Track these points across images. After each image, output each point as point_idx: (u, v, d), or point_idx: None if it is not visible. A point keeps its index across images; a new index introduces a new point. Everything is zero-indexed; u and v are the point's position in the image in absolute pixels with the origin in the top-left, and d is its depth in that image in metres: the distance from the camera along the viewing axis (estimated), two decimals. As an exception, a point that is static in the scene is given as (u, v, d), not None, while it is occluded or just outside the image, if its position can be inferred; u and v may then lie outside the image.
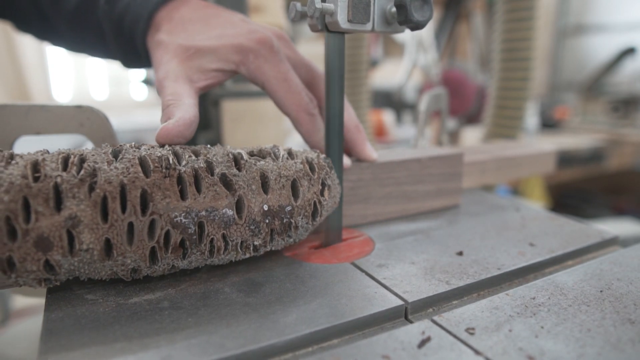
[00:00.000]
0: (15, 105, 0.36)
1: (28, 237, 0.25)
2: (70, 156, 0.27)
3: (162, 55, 0.38)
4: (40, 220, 0.25)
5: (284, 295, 0.28)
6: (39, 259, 0.25)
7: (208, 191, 0.28)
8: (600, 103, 1.89)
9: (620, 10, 2.32)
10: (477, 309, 0.27)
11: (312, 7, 0.32)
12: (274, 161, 0.32)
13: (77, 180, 0.25)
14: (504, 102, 0.89)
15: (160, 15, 0.40)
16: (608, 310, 0.26)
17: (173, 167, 0.28)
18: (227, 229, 0.29)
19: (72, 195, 0.25)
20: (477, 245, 0.37)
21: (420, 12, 0.32)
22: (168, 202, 0.27)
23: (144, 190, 0.27)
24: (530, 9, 0.84)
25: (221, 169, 0.29)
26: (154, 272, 0.29)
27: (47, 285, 0.27)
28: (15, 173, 0.25)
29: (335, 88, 0.35)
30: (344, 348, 0.23)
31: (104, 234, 0.26)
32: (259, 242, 0.31)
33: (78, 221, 0.25)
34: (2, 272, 0.25)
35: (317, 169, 0.33)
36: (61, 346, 0.23)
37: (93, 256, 0.26)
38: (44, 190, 0.25)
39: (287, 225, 0.32)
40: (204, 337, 0.24)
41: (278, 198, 0.31)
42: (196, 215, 0.28)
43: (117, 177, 0.26)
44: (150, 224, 0.27)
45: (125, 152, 0.28)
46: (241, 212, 0.30)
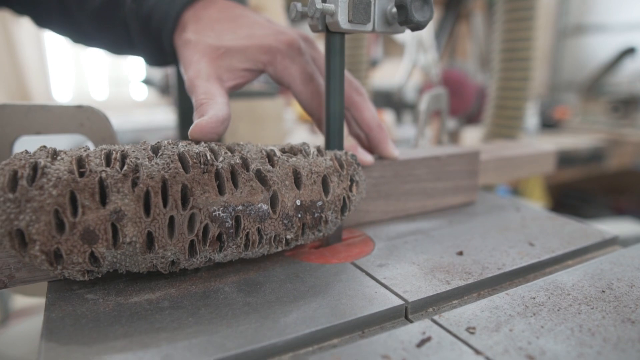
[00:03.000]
0: (15, 105, 0.36)
1: (75, 230, 0.25)
2: (112, 152, 0.28)
3: (191, 54, 0.39)
4: (86, 213, 0.25)
5: (284, 295, 0.28)
6: (85, 251, 0.26)
7: (244, 186, 0.29)
8: (600, 103, 1.89)
9: (620, 10, 2.32)
10: (477, 308, 0.27)
11: (312, 8, 0.32)
12: (305, 158, 0.33)
13: (121, 175, 0.26)
14: (504, 102, 0.89)
15: (187, 15, 0.41)
16: (608, 310, 0.26)
17: (211, 163, 0.29)
18: (262, 223, 0.30)
19: (116, 190, 0.26)
20: (477, 245, 0.37)
21: (420, 13, 0.32)
22: (207, 197, 0.28)
23: (184, 185, 0.27)
24: (530, 9, 0.84)
25: (256, 165, 0.30)
26: (191, 264, 0.30)
27: (90, 277, 0.28)
28: (62, 168, 0.25)
29: (336, 88, 0.35)
30: (344, 348, 0.23)
31: (147, 227, 0.27)
32: (291, 235, 0.32)
33: (122, 215, 0.26)
34: (49, 264, 0.26)
35: (346, 166, 0.34)
36: (62, 346, 0.23)
37: (135, 249, 0.27)
38: (90, 185, 0.26)
39: (318, 219, 0.32)
40: (204, 336, 0.24)
41: (310, 193, 0.32)
42: (233, 209, 0.29)
43: (159, 173, 0.27)
44: (190, 218, 0.28)
45: (164, 149, 0.29)
46: (275, 207, 0.31)
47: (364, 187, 0.36)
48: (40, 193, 0.25)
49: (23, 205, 0.25)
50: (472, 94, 1.71)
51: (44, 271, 0.29)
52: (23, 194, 0.25)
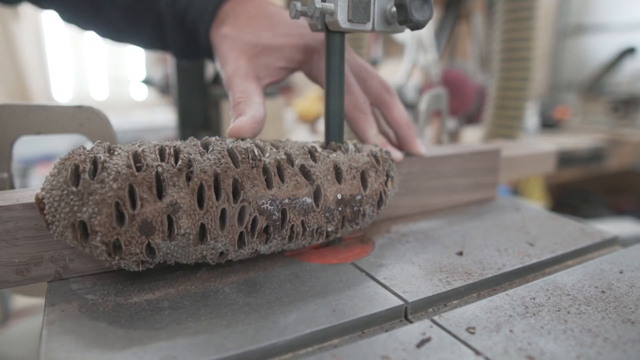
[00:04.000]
0: (15, 105, 0.36)
1: (134, 221, 0.26)
2: (165, 148, 0.29)
3: (229, 50, 0.39)
4: (145, 206, 0.26)
5: (284, 295, 0.28)
6: (142, 242, 0.27)
7: (290, 181, 0.31)
8: (600, 103, 1.89)
9: (620, 10, 2.32)
10: (477, 309, 0.27)
11: (312, 7, 0.32)
12: (344, 154, 0.34)
13: (176, 169, 0.28)
14: (504, 102, 0.89)
15: (224, 10, 0.41)
16: (608, 311, 0.26)
17: (258, 159, 0.30)
18: (306, 216, 0.31)
19: (172, 184, 0.27)
20: (477, 245, 0.37)
21: (420, 12, 0.32)
22: (256, 191, 0.29)
23: (235, 179, 0.29)
24: (530, 9, 0.83)
25: (300, 161, 0.32)
26: (238, 256, 0.31)
27: (144, 267, 0.29)
28: (120, 163, 0.27)
29: (336, 88, 0.35)
30: (344, 348, 0.23)
31: (200, 219, 0.28)
32: (332, 228, 0.33)
33: (178, 207, 0.27)
34: (107, 255, 0.27)
35: (382, 161, 0.36)
36: (61, 346, 0.23)
37: (189, 240, 0.28)
38: (147, 178, 0.27)
39: (356, 213, 0.34)
40: (204, 337, 0.24)
41: (350, 188, 0.33)
42: (280, 202, 0.30)
43: (211, 167, 0.28)
44: (240, 211, 0.29)
45: (213, 144, 0.30)
46: (318, 201, 0.32)
47: (397, 182, 0.38)
48: (101, 186, 0.26)
49: (86, 198, 0.26)
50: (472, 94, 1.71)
51: (98, 262, 0.31)
52: (85, 187, 0.26)
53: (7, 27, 1.75)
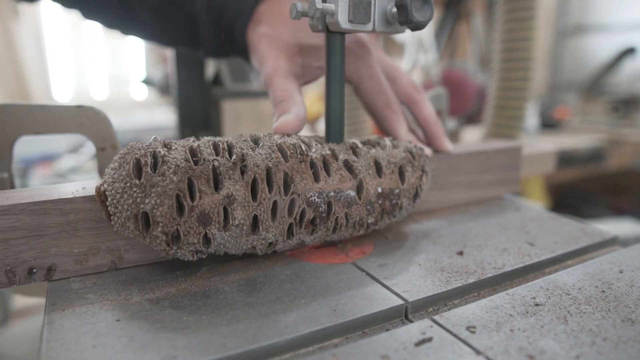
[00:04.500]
0: (15, 105, 0.36)
1: (193, 212, 0.28)
2: (219, 143, 0.30)
3: (268, 49, 0.40)
4: (203, 198, 0.28)
5: (284, 295, 0.28)
6: (200, 233, 0.28)
7: (335, 174, 0.32)
8: (600, 103, 1.89)
9: (620, 10, 2.32)
10: (478, 308, 0.27)
11: (312, 7, 0.32)
12: (382, 150, 0.36)
13: (231, 163, 0.29)
14: (504, 102, 0.89)
15: (261, 10, 0.42)
16: (608, 310, 0.26)
17: (305, 154, 0.32)
18: (349, 208, 0.33)
19: (228, 177, 0.29)
20: (477, 245, 0.37)
21: (420, 13, 0.32)
22: (305, 184, 0.31)
23: (285, 173, 0.30)
24: (530, 9, 0.83)
25: (343, 156, 0.34)
26: (285, 246, 0.33)
27: (198, 257, 0.30)
28: (178, 157, 0.28)
29: (336, 88, 0.35)
30: (344, 347, 0.23)
31: (253, 211, 0.29)
32: (372, 220, 0.35)
33: (233, 199, 0.28)
34: (166, 245, 0.28)
35: (417, 157, 0.37)
36: (62, 346, 0.23)
37: (242, 231, 0.29)
38: (205, 172, 0.28)
39: (394, 205, 0.36)
40: (204, 336, 0.24)
41: (389, 182, 0.35)
42: (326, 195, 0.32)
43: (263, 162, 0.30)
44: (290, 203, 0.31)
45: (263, 140, 0.32)
46: (361, 194, 0.33)
47: (430, 177, 0.39)
48: (162, 179, 0.27)
49: (148, 190, 0.27)
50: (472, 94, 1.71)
51: (151, 253, 0.33)
52: (148, 179, 0.27)
53: (7, 27, 1.75)
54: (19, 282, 0.29)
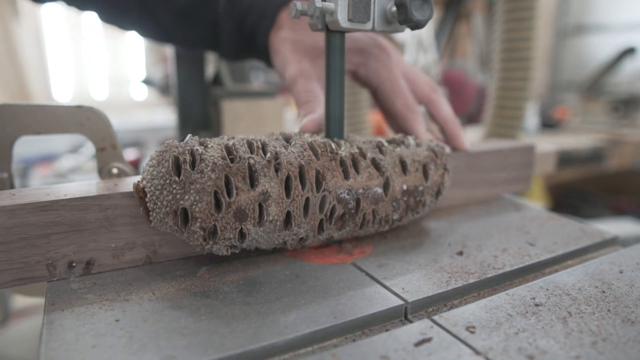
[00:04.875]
0: (15, 105, 0.36)
1: (230, 209, 0.28)
2: (253, 142, 0.31)
3: (291, 53, 0.42)
4: (239, 194, 0.29)
5: (284, 295, 0.28)
6: (236, 228, 0.29)
7: (364, 172, 0.33)
8: (600, 103, 1.89)
9: (620, 10, 2.32)
10: (477, 308, 0.27)
11: (312, 6, 0.32)
12: (407, 148, 0.37)
13: (265, 161, 0.30)
14: (504, 102, 0.89)
15: (284, 15, 0.43)
16: (608, 310, 0.26)
17: (335, 152, 0.33)
18: (376, 205, 0.34)
19: (263, 174, 0.30)
20: (477, 245, 0.37)
21: (420, 12, 0.32)
22: (336, 181, 0.32)
23: (317, 171, 0.31)
24: (530, 9, 0.83)
25: (370, 154, 0.34)
26: (314, 241, 0.33)
27: (232, 252, 0.31)
28: (215, 155, 0.29)
29: (336, 88, 0.35)
30: (344, 348, 0.23)
31: (287, 207, 0.30)
32: (397, 216, 0.36)
33: (268, 196, 0.29)
34: (203, 240, 0.29)
35: (439, 155, 0.38)
36: (61, 346, 0.23)
37: (276, 226, 0.30)
38: (241, 169, 0.29)
39: (418, 202, 0.37)
40: (204, 336, 0.24)
41: (414, 179, 0.36)
42: (355, 192, 0.33)
43: (296, 160, 0.31)
44: (321, 199, 0.32)
45: (294, 139, 0.33)
46: (387, 191, 0.34)
47: (451, 174, 0.40)
48: (201, 176, 0.28)
49: (187, 187, 0.28)
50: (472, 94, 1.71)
51: (184, 248, 0.34)
52: (187, 177, 0.28)
53: (7, 27, 1.75)
54: (59, 275, 0.30)
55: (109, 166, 0.38)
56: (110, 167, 0.38)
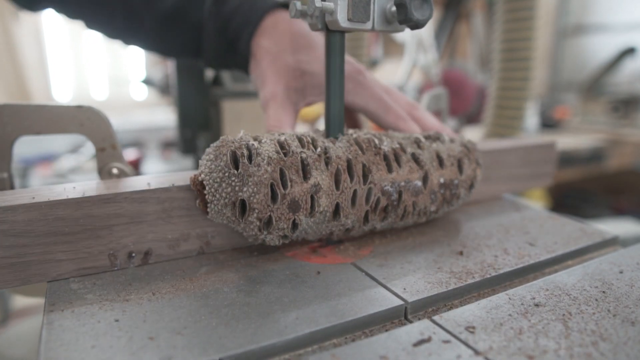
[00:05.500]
0: (15, 105, 0.36)
1: (284, 200, 0.30)
2: (303, 137, 0.33)
3: (269, 71, 0.42)
4: (293, 186, 0.30)
5: (284, 295, 0.28)
6: (289, 219, 0.31)
7: (405, 166, 0.35)
8: (600, 103, 1.89)
9: (620, 10, 2.32)
10: (477, 308, 0.27)
11: (312, 6, 0.32)
12: (442, 144, 0.38)
13: (316, 155, 0.32)
14: (504, 102, 0.89)
15: (268, 22, 0.43)
16: (608, 311, 0.26)
17: (378, 147, 0.34)
18: (416, 197, 0.36)
19: (315, 168, 0.31)
20: (477, 245, 0.37)
21: (420, 11, 0.32)
22: (380, 174, 0.34)
23: (363, 164, 0.33)
24: (530, 9, 0.83)
25: (410, 149, 0.36)
26: (359, 232, 0.35)
27: (283, 242, 0.33)
28: (270, 149, 0.31)
29: (336, 88, 0.35)
30: (344, 348, 0.23)
31: (336, 199, 0.32)
32: (434, 208, 0.38)
33: (319, 188, 0.31)
34: (258, 230, 0.31)
35: (472, 150, 0.40)
36: (61, 346, 0.23)
37: (325, 217, 0.32)
38: (295, 163, 0.31)
39: (453, 195, 0.38)
40: (204, 336, 0.24)
41: (450, 173, 0.37)
42: (398, 185, 0.35)
43: (344, 154, 0.33)
44: (367, 192, 0.33)
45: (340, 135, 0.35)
46: (426, 184, 0.36)
47: (483, 169, 0.42)
48: (258, 169, 0.30)
49: (245, 180, 0.29)
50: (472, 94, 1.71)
51: (236, 239, 0.35)
52: (245, 170, 0.30)
53: (7, 27, 1.74)
54: (120, 265, 0.32)
55: (108, 166, 0.38)
56: (110, 167, 0.38)
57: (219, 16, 0.45)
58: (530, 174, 0.52)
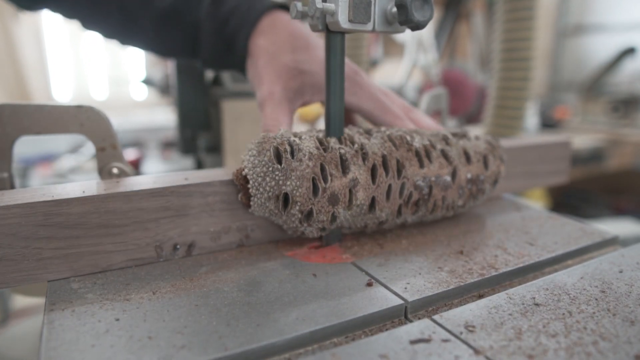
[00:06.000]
0: (15, 105, 0.36)
1: (325, 193, 0.32)
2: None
3: (266, 70, 0.42)
4: (333, 181, 0.32)
5: (284, 295, 0.28)
6: (329, 211, 0.32)
7: (435, 162, 0.37)
8: (600, 103, 1.89)
9: (620, 10, 2.32)
10: (477, 308, 0.27)
11: (312, 7, 0.32)
12: (468, 141, 0.40)
13: (354, 151, 0.33)
14: (504, 102, 0.89)
15: (266, 21, 0.43)
16: (608, 310, 0.26)
17: (410, 143, 0.36)
18: (445, 192, 0.37)
19: (353, 163, 0.33)
20: (477, 244, 0.37)
21: (420, 12, 0.32)
22: (413, 169, 0.35)
23: (397, 160, 0.35)
24: (530, 9, 0.83)
25: (440, 146, 0.37)
26: (391, 225, 0.37)
27: (321, 234, 0.34)
28: (310, 145, 0.32)
29: (336, 88, 0.35)
30: (344, 347, 0.23)
31: (372, 192, 0.34)
32: (461, 202, 0.39)
33: (357, 182, 0.33)
34: (299, 222, 0.32)
35: (496, 147, 0.41)
36: (62, 346, 0.23)
37: (362, 210, 0.34)
38: (334, 158, 0.32)
39: (479, 190, 0.40)
40: (204, 336, 0.24)
41: (476, 169, 0.39)
42: (429, 180, 0.36)
43: (379, 150, 0.34)
44: (401, 186, 0.35)
45: (374, 132, 0.36)
46: (455, 179, 0.38)
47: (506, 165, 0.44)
48: (300, 164, 0.31)
49: (289, 174, 0.31)
50: (472, 94, 1.71)
51: (274, 233, 0.37)
52: (288, 164, 0.31)
53: (7, 27, 1.75)
54: (165, 257, 0.33)
55: (109, 166, 0.38)
56: (111, 167, 0.38)
57: (216, 16, 0.44)
58: (548, 171, 0.54)
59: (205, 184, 0.33)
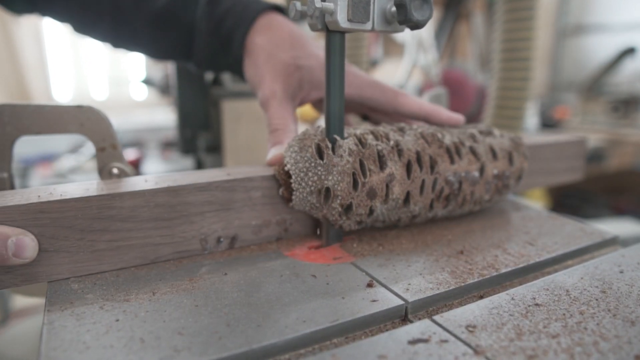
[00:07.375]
0: (15, 105, 0.36)
1: (364, 188, 0.33)
2: (375, 131, 0.36)
3: (265, 69, 0.42)
4: (372, 176, 0.33)
5: (284, 295, 0.28)
6: (367, 205, 0.34)
7: (465, 158, 0.38)
8: (600, 103, 1.89)
9: (620, 10, 2.32)
10: (477, 308, 0.27)
11: (312, 7, 0.32)
12: (494, 138, 0.41)
13: (390, 148, 0.35)
14: (504, 102, 0.89)
15: (262, 21, 0.44)
16: (608, 310, 0.26)
17: (441, 140, 0.37)
18: (474, 187, 0.39)
19: (389, 159, 0.34)
20: (477, 245, 0.37)
21: (420, 12, 0.32)
22: (445, 165, 0.37)
23: (430, 156, 0.36)
24: (530, 9, 0.83)
25: (468, 142, 0.39)
26: (423, 219, 0.39)
27: (358, 227, 0.36)
28: (350, 142, 0.34)
29: (336, 88, 0.35)
30: (344, 348, 0.23)
31: (407, 187, 0.35)
32: (488, 197, 0.41)
33: (393, 177, 0.34)
34: (338, 215, 0.34)
35: (519, 144, 0.42)
36: (61, 346, 0.23)
37: (397, 204, 0.35)
38: (372, 154, 0.34)
39: (505, 185, 0.41)
40: (204, 336, 0.24)
41: (502, 165, 0.40)
42: (459, 175, 0.37)
43: (413, 146, 0.36)
44: (434, 181, 0.36)
45: (407, 129, 0.38)
46: (482, 174, 0.39)
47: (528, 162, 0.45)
48: (341, 160, 0.33)
49: (330, 169, 0.32)
50: (472, 94, 1.71)
51: (310, 227, 0.38)
52: (330, 160, 0.33)
53: (7, 27, 1.75)
54: (209, 249, 0.34)
55: (109, 166, 0.38)
56: (111, 167, 0.38)
57: (212, 16, 0.44)
58: (564, 168, 0.55)
59: (247, 179, 0.34)
